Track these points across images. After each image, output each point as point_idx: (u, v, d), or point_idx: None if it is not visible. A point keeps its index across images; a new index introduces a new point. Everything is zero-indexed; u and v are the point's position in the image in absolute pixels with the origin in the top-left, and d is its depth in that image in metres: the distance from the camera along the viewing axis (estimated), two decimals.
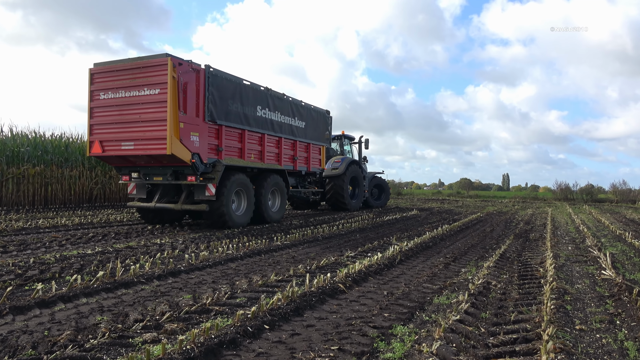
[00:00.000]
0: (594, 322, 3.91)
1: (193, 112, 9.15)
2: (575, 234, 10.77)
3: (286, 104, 12.32)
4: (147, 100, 8.88)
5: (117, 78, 9.23)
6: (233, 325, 3.42)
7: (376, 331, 3.53)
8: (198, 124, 9.30)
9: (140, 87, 8.93)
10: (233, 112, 10.21)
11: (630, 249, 8.30)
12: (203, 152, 9.40)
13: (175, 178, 9.59)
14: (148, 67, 8.89)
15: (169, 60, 8.62)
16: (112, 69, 9.30)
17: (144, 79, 8.90)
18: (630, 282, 5.36)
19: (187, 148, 8.99)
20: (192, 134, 9.14)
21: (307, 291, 4.44)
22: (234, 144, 10.44)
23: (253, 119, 10.91)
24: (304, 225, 11.14)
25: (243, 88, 10.58)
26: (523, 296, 4.63)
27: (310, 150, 13.67)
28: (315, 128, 13.96)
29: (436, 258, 6.99)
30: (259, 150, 11.29)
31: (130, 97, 9.06)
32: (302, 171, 13.41)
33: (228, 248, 7.13)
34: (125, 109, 9.13)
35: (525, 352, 3.08)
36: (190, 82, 9.09)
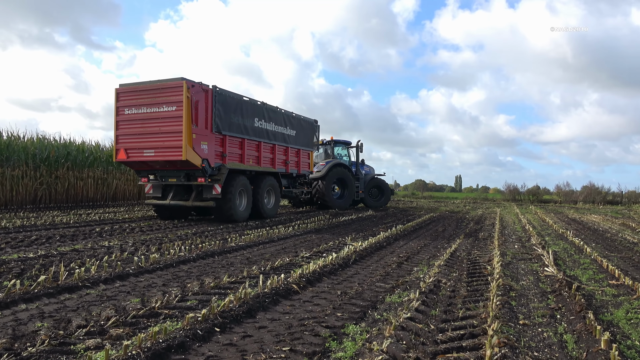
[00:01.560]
0: (537, 316, 4.09)
1: (203, 124, 10.97)
2: (522, 233, 11.23)
3: (279, 115, 14.22)
4: (165, 115, 10.63)
5: (140, 97, 10.96)
6: (182, 329, 3.34)
7: (328, 331, 3.54)
8: (207, 135, 11.09)
9: (160, 105, 10.69)
10: (235, 124, 12.07)
11: (572, 247, 8.74)
12: (211, 157, 11.17)
13: (187, 179, 11.38)
14: (166, 88, 10.67)
15: (184, 83, 10.41)
16: (136, 89, 11.05)
17: (163, 98, 10.67)
18: (570, 278, 5.64)
19: (198, 154, 10.76)
20: (202, 143, 10.94)
21: (260, 292, 4.40)
22: (235, 150, 12.24)
23: (251, 129, 12.79)
24: (260, 226, 11.06)
25: (243, 103, 12.43)
26: (471, 293, 4.77)
27: (300, 155, 15.60)
28: (304, 136, 15.89)
29: (390, 257, 7.10)
30: (256, 155, 13.13)
31: (152, 113, 10.80)
32: (293, 173, 15.29)
33: (180, 250, 6.96)
34: (147, 123, 10.86)
35: (471, 348, 3.17)
36: (201, 100, 10.90)
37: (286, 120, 14.65)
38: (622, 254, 8.06)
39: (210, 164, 11.10)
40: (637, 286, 5.03)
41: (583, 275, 6.01)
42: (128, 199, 19.45)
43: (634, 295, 4.83)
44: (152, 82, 10.94)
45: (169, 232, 9.34)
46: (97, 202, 18.00)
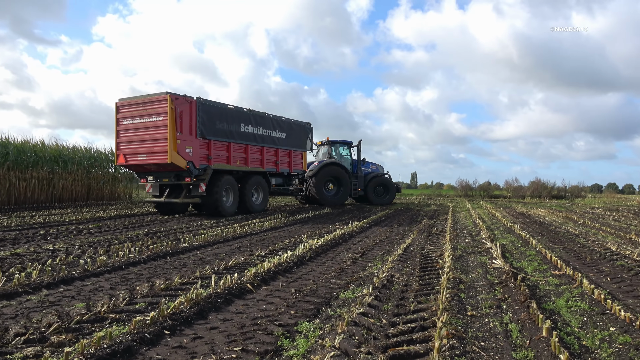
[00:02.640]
0: (484, 307, 4.23)
1: (187, 131, 12.52)
2: (472, 227, 11.60)
3: (267, 120, 15.72)
4: (154, 124, 12.29)
5: (134, 109, 12.70)
6: (129, 333, 3.23)
7: (281, 329, 3.52)
8: (191, 140, 12.65)
9: (149, 115, 12.37)
10: (220, 129, 13.60)
11: (519, 240, 9.11)
12: (196, 160, 12.74)
13: (177, 179, 13.01)
14: (154, 101, 12.29)
15: (168, 96, 12.04)
16: (131, 102, 12.82)
17: (151, 109, 12.33)
18: (516, 270, 5.88)
19: (183, 157, 12.36)
20: (186, 147, 12.50)
21: (212, 293, 4.32)
22: (222, 153, 13.77)
23: (237, 133, 14.30)
24: (215, 225, 10.88)
25: (228, 111, 14.03)
26: (423, 287, 4.88)
27: (292, 156, 17.00)
28: (296, 137, 17.25)
29: (345, 254, 7.16)
30: (244, 157, 14.64)
31: (143, 123, 12.50)
32: (285, 172, 16.75)
33: (130, 252, 6.74)
34: (140, 131, 12.58)
35: (421, 340, 3.24)
36: (185, 110, 12.45)
37: (275, 124, 16.11)
38: (565, 245, 8.48)
39: (195, 165, 12.71)
40: (577, 276, 5.30)
41: (528, 267, 6.27)
42: (76, 200, 18.66)
43: (574, 284, 5.09)
44: (144, 96, 12.70)
45: (118, 234, 9.03)
46: (42, 204, 17.16)
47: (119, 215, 13.23)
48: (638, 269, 5.99)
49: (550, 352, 3.00)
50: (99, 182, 19.63)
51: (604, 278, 5.65)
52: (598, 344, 3.36)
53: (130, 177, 21.79)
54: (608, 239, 9.31)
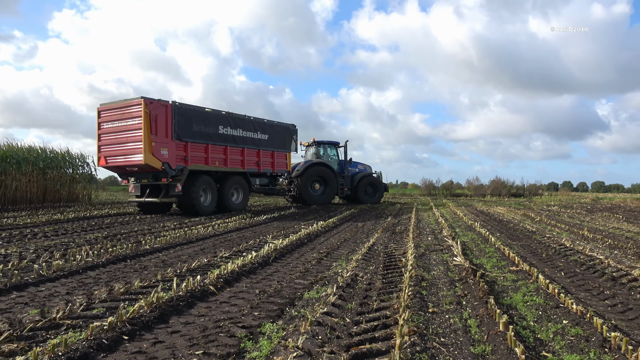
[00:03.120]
0: (445, 304, 4.32)
1: (163, 133, 13.08)
2: (435, 225, 11.85)
3: (247, 122, 16.22)
4: (130, 127, 12.93)
5: (114, 113, 13.37)
6: (86, 339, 3.13)
7: (245, 331, 3.49)
8: (167, 142, 13.20)
9: (126, 119, 13.04)
10: (197, 132, 14.12)
11: (479, 237, 9.36)
12: (172, 161, 13.29)
13: (155, 180, 13.63)
14: (130, 105, 12.95)
15: (142, 100, 12.65)
16: (110, 107, 13.47)
17: (128, 113, 12.99)
18: (476, 266, 6.04)
19: (158, 159, 12.92)
20: (162, 149, 13.04)
21: (174, 296, 4.24)
22: (200, 154, 14.29)
23: (215, 135, 14.80)
24: (178, 227, 10.68)
25: (205, 114, 14.53)
26: (386, 285, 4.95)
27: (275, 157, 17.51)
28: (280, 139, 17.77)
29: (310, 254, 7.17)
30: (223, 158, 15.15)
31: (121, 126, 13.17)
32: (267, 173, 17.32)
33: (88, 255, 6.53)
34: (119, 134, 13.24)
35: (383, 338, 3.28)
36: (160, 114, 13.02)
37: (256, 126, 16.61)
38: (522, 242, 8.77)
39: (171, 166, 13.28)
40: (534, 271, 5.50)
41: (488, 263, 6.45)
42: (31, 202, 17.91)
43: (531, 279, 5.27)
44: (122, 101, 13.30)
45: (76, 237, 8.73)
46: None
47: (77, 217, 12.79)
48: (590, 264, 6.26)
49: (507, 345, 3.10)
50: (55, 183, 18.91)
51: (559, 273, 5.88)
52: (552, 336, 3.50)
53: (89, 178, 21.11)
54: (563, 235, 9.70)
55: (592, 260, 6.53)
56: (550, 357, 3.09)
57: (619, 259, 6.74)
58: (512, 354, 2.97)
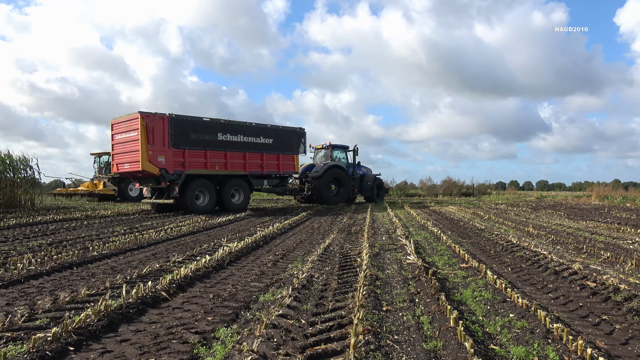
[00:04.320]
0: (398, 302, 4.41)
1: (160, 143, 14.85)
2: (389, 225, 12.06)
3: (249, 128, 17.57)
4: (131, 139, 14.88)
5: (121, 126, 15.38)
6: (27, 352, 2.97)
7: (198, 336, 3.42)
8: (164, 150, 14.95)
9: (129, 132, 15.02)
10: (195, 139, 15.74)
11: (431, 236, 9.61)
12: (169, 166, 15.06)
13: (157, 183, 15.63)
14: (131, 119, 14.88)
15: (139, 115, 14.47)
16: (119, 121, 15.51)
17: (129, 126, 14.95)
18: (428, 264, 6.20)
19: (155, 165, 14.75)
20: (159, 156, 14.80)
21: (124, 303, 4.10)
22: (199, 160, 15.90)
23: (214, 142, 16.31)
24: (128, 232, 10.33)
25: (203, 123, 16.16)
26: (341, 285, 4.98)
27: (280, 159, 18.56)
28: (286, 142, 18.83)
29: (266, 256, 7.12)
30: (223, 162, 16.60)
31: (126, 137, 15.16)
32: (273, 175, 18.48)
33: (31, 263, 6.21)
34: (125, 145, 15.23)
35: (339, 338, 3.31)
36: (157, 126, 14.78)
37: (259, 132, 17.83)
38: (472, 239, 9.08)
39: (168, 171, 15.01)
40: (482, 268, 5.70)
41: (439, 261, 6.63)
42: None
43: (479, 275, 5.47)
44: (127, 115, 15.17)
45: (17, 244, 8.27)
46: None
47: (18, 224, 12.10)
48: (534, 259, 6.57)
49: (457, 340, 3.19)
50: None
51: (506, 269, 6.12)
52: (499, 330, 3.64)
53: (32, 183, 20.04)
54: (510, 232, 10.12)
55: (536, 255, 6.85)
56: (497, 350, 3.21)
57: (561, 254, 7.10)
58: (462, 348, 3.07)
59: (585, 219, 14.14)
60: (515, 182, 79.96)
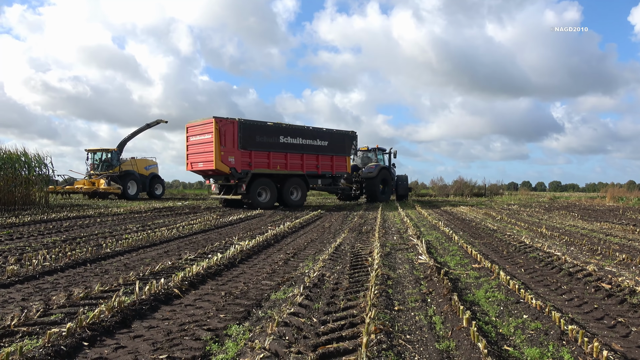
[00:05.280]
0: (410, 302, 4.39)
1: (231, 144, 16.93)
2: (400, 225, 12.01)
3: (307, 131, 19.56)
4: (206, 141, 17.01)
5: (196, 129, 17.64)
6: (43, 347, 3.01)
7: (210, 333, 3.44)
8: (234, 151, 17.00)
9: (203, 134, 17.19)
10: (260, 142, 17.74)
11: (443, 236, 9.55)
12: (238, 166, 17.09)
13: (226, 181, 17.82)
14: (205, 124, 17.03)
15: (214, 120, 16.57)
16: (194, 124, 17.78)
17: (204, 130, 17.14)
18: (440, 264, 6.16)
19: (226, 165, 16.81)
20: (229, 157, 16.86)
21: (137, 300, 4.13)
22: (263, 160, 17.86)
23: (276, 144, 18.29)
24: (140, 229, 10.41)
25: (267, 127, 18.14)
26: (353, 284, 4.98)
27: (334, 160, 20.44)
28: (339, 145, 20.66)
29: (277, 255, 7.13)
30: (284, 162, 18.54)
31: (200, 139, 17.36)
32: (327, 174, 20.32)
33: (45, 259, 6.28)
34: (199, 146, 17.43)
35: (350, 337, 3.30)
36: (228, 129, 16.88)
37: (315, 134, 19.75)
38: (484, 240, 9.01)
39: (237, 170, 17.03)
40: (495, 268, 5.65)
41: (451, 261, 6.59)
42: None
43: (492, 276, 5.42)
44: (201, 120, 17.37)
45: (32, 241, 8.38)
46: None
47: (33, 221, 12.26)
48: (548, 260, 6.49)
49: (470, 341, 3.17)
50: (9, 185, 18.08)
51: (519, 269, 6.07)
52: (513, 330, 3.60)
53: (47, 181, 20.31)
54: (522, 233, 10.02)
55: (550, 256, 6.77)
56: (511, 351, 3.18)
57: (575, 255, 7.02)
58: (475, 348, 3.04)
59: (600, 220, 13.96)
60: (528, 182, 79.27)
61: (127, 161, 28.13)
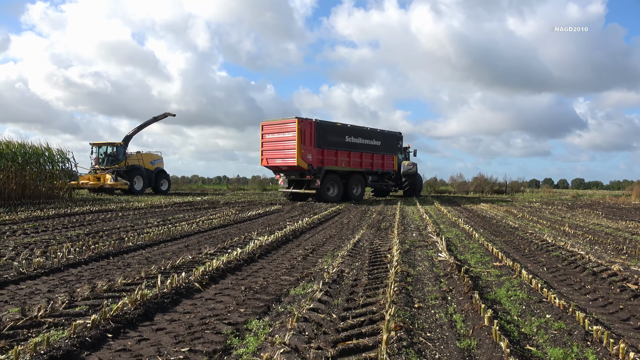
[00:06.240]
0: (430, 299, 4.36)
1: (308, 143, 18.79)
2: (420, 222, 11.93)
3: (365, 131, 21.68)
4: (287, 139, 18.81)
5: (274, 128, 19.47)
6: (69, 338, 3.08)
7: (231, 327, 3.47)
8: (311, 149, 18.87)
9: (283, 132, 19.01)
10: (330, 141, 19.75)
11: (463, 233, 9.46)
12: (314, 163, 18.94)
13: (301, 176, 19.57)
14: (287, 123, 18.83)
15: (296, 120, 18.42)
16: (271, 123, 19.61)
17: (285, 128, 18.93)
18: (460, 262, 6.10)
19: (305, 161, 18.61)
20: (308, 154, 18.70)
21: (158, 293, 4.20)
22: (332, 158, 19.88)
23: (343, 143, 20.37)
24: (161, 223, 10.57)
25: (336, 127, 20.19)
26: (372, 281, 4.97)
27: (385, 159, 22.79)
28: (389, 144, 23.15)
29: (296, 250, 7.16)
30: (347, 160, 20.61)
31: (279, 137, 19.15)
32: (379, 172, 22.67)
33: (70, 252, 6.43)
34: (277, 143, 19.26)
35: (370, 333, 3.30)
36: (307, 129, 18.75)
37: (371, 135, 21.92)
38: (505, 238, 8.89)
39: (313, 166, 18.87)
40: (517, 267, 5.58)
41: (472, 259, 6.53)
42: (9, 198, 17.53)
43: (514, 275, 5.35)
44: (280, 119, 19.24)
45: (57, 234, 8.58)
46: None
47: (57, 214, 12.55)
48: (571, 259, 6.38)
49: (492, 340, 3.14)
50: (35, 179, 18.52)
51: (541, 268, 5.98)
52: (535, 330, 3.55)
53: (70, 175, 20.74)
54: (544, 231, 9.86)
55: (573, 255, 6.65)
56: (534, 351, 3.14)
57: (599, 254, 6.88)
58: (497, 347, 3.01)
59: (625, 218, 13.65)
60: (550, 179, 77.75)
61: (132, 155, 27.15)
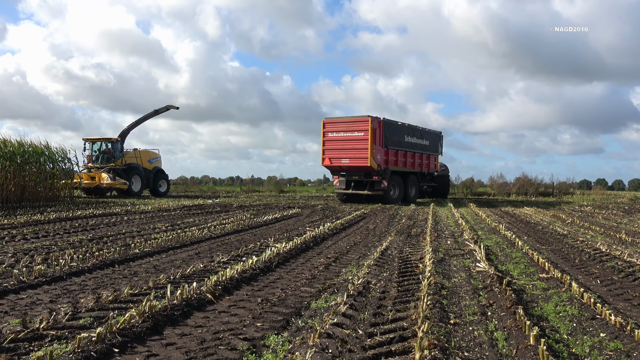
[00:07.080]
0: (468, 315, 4.33)
1: (378, 142, 20.06)
2: (455, 227, 11.83)
3: (417, 131, 23.41)
4: (357, 138, 19.95)
5: (339, 126, 20.76)
6: (73, 352, 3.16)
7: (247, 343, 3.51)
8: (379, 149, 20.15)
9: (352, 131, 20.21)
10: (393, 140, 21.17)
11: (504, 241, 9.35)
12: (381, 163, 20.14)
13: (366, 177, 20.52)
14: (358, 121, 20.08)
15: (369, 118, 19.68)
16: (335, 121, 21.12)
17: (355, 127, 20.14)
18: (501, 273, 6.04)
19: (375, 162, 19.76)
20: (377, 154, 19.90)
21: (168, 305, 4.27)
22: (394, 158, 21.33)
23: (403, 143, 21.97)
24: (170, 229, 10.73)
25: (397, 126, 21.82)
26: (402, 294, 4.95)
27: (430, 159, 24.83)
28: (433, 144, 25.06)
29: (317, 259, 7.18)
30: (404, 160, 22.13)
31: (347, 136, 20.31)
32: (425, 172, 24.47)
33: (72, 259, 6.58)
34: (344, 142, 20.43)
35: (401, 352, 3.29)
36: (377, 128, 20.03)
37: (422, 134, 23.62)
38: (553, 246, 8.75)
39: (381, 167, 20.03)
40: (566, 279, 5.49)
41: (514, 270, 6.45)
42: (7, 201, 18.01)
43: (563, 288, 5.26)
44: (347, 117, 20.89)
45: (58, 239, 8.79)
46: None
47: (58, 218, 12.87)
48: (628, 271, 6.24)
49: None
50: (34, 180, 18.98)
51: (594, 281, 5.86)
52: (588, 351, 3.49)
53: (71, 175, 21.20)
54: (598, 239, 9.66)
55: (631, 266, 6.51)
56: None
57: None
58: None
59: None
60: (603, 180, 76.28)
61: (130, 153, 26.78)
